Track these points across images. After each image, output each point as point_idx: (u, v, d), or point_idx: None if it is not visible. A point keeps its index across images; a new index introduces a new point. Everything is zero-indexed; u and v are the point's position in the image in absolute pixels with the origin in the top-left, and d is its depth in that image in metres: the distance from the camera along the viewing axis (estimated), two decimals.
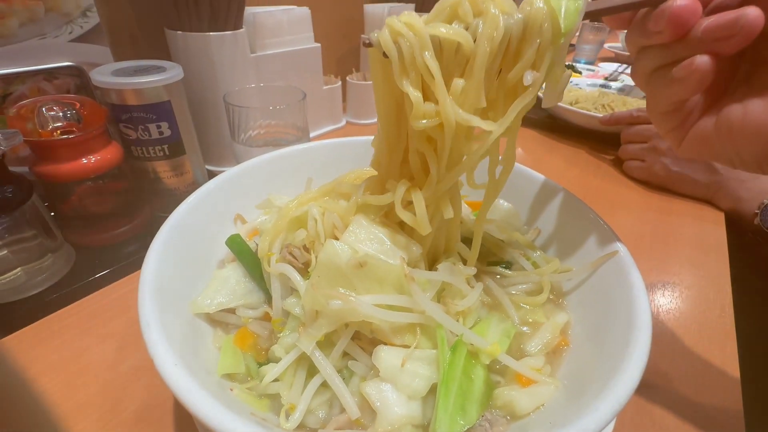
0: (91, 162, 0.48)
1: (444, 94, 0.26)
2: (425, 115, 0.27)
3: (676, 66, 0.26)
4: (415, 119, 0.27)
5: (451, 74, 0.27)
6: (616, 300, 0.31)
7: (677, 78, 0.26)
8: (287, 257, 0.34)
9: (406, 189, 0.31)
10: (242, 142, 0.60)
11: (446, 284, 0.32)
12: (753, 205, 0.65)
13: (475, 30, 0.26)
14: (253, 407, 0.26)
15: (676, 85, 0.27)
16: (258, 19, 0.69)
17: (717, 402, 0.40)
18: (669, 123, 0.30)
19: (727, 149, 0.28)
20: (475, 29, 0.26)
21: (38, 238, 0.46)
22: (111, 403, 0.37)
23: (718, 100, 0.28)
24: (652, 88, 0.30)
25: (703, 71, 0.25)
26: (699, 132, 0.29)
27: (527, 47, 0.27)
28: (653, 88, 0.29)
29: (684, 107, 0.29)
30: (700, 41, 0.25)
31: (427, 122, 0.27)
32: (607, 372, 0.25)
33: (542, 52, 0.27)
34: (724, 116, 0.27)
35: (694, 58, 0.25)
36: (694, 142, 0.29)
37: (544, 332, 0.33)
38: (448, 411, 0.25)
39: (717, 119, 0.28)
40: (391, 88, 0.29)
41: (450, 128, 0.27)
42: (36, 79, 0.52)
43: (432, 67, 0.26)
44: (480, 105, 0.27)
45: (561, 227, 0.43)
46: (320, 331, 0.28)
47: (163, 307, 0.27)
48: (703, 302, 0.52)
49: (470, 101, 0.27)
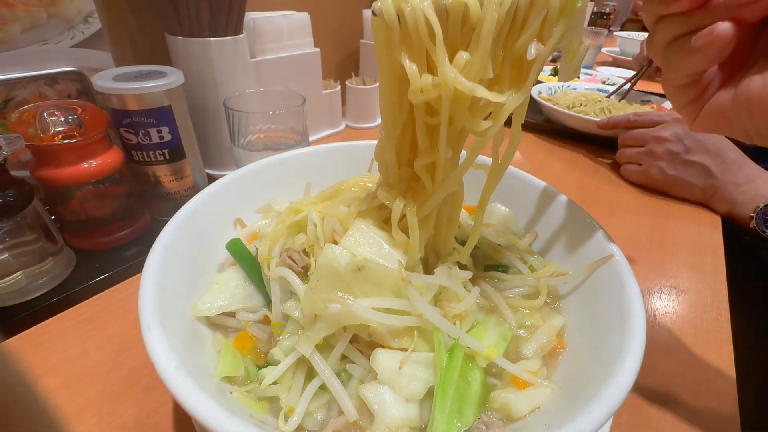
0: (92, 166, 0.49)
1: (443, 57, 0.25)
2: (423, 88, 0.26)
3: (696, 35, 0.25)
4: (412, 93, 0.26)
5: (455, 47, 0.26)
6: (611, 303, 0.31)
7: (696, 47, 0.25)
8: (287, 261, 0.34)
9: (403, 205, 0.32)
10: (242, 147, 0.61)
11: (443, 288, 0.32)
12: (749, 208, 0.65)
13: None
14: (252, 410, 0.26)
15: (695, 56, 0.26)
16: (258, 25, 0.70)
17: (713, 405, 0.40)
18: (684, 97, 0.29)
19: (745, 123, 0.27)
20: None
21: (39, 242, 0.46)
22: (111, 406, 0.37)
23: (736, 71, 0.27)
24: (668, 60, 0.28)
25: (724, 39, 0.24)
26: (716, 105, 0.28)
27: (534, 17, 0.25)
28: (670, 60, 0.28)
29: (701, 80, 0.28)
30: (723, 7, 0.24)
31: (425, 95, 0.26)
32: (602, 374, 0.25)
33: (549, 24, 0.26)
34: (743, 88, 0.26)
35: (714, 25, 0.24)
36: (709, 117, 0.29)
37: (541, 335, 0.33)
38: (445, 413, 0.26)
39: (735, 92, 0.27)
40: (392, 62, 0.27)
41: (448, 93, 0.25)
42: (38, 84, 0.52)
43: (434, 24, 0.24)
44: (486, 76, 0.26)
45: (558, 231, 0.43)
46: (319, 334, 0.28)
47: (164, 310, 0.27)
48: (700, 305, 0.53)
49: (476, 71, 0.25)
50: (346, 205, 0.37)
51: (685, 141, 0.73)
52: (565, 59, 0.28)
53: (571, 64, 0.28)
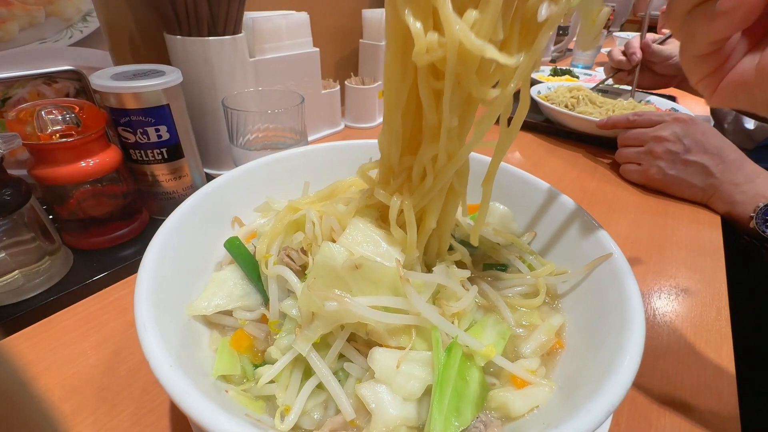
0: (90, 165, 0.48)
1: (449, 9, 0.23)
2: (429, 47, 0.24)
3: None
4: (417, 54, 0.24)
5: (464, 6, 0.24)
6: (611, 302, 0.31)
7: (722, 11, 0.24)
8: (285, 259, 0.34)
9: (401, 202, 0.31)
10: (241, 146, 0.61)
11: (441, 287, 0.32)
12: (748, 208, 0.65)
13: None
14: (249, 408, 0.26)
15: (720, 20, 0.24)
16: (257, 24, 0.70)
17: (713, 404, 0.40)
18: (704, 68, 0.28)
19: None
20: None
21: (36, 241, 0.46)
22: (107, 406, 0.37)
23: (761, 39, 0.26)
24: (690, 28, 0.27)
25: (752, 2, 0.22)
26: (737, 76, 0.26)
27: None
28: (692, 28, 0.27)
29: (722, 49, 0.27)
30: None
31: (430, 55, 0.24)
32: (600, 373, 0.25)
33: None
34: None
35: None
36: (730, 88, 0.27)
37: (539, 334, 0.33)
38: (443, 412, 0.25)
39: (760, 60, 0.25)
40: (397, 23, 0.25)
41: (453, 49, 0.23)
42: (36, 83, 0.52)
43: None
44: (497, 37, 0.24)
45: (557, 230, 0.43)
46: (316, 332, 0.28)
47: (160, 309, 0.27)
48: (700, 305, 0.53)
49: (485, 30, 0.23)
50: (344, 203, 0.37)
51: (684, 141, 0.73)
52: (584, 25, 0.26)
53: (591, 30, 0.26)
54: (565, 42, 1.84)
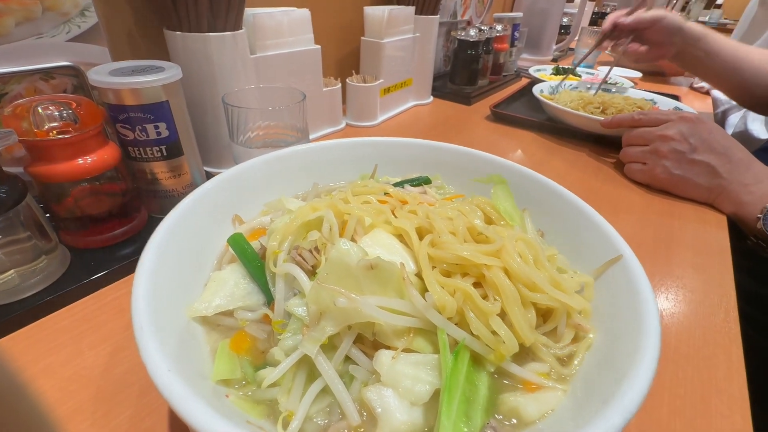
0: (88, 162, 0.47)
1: None
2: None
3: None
4: None
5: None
6: (623, 305, 0.30)
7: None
8: (296, 258, 0.33)
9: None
10: (241, 144, 0.60)
11: None
12: (756, 209, 0.64)
13: None
14: (250, 414, 0.25)
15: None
16: (258, 20, 0.69)
17: (724, 407, 0.39)
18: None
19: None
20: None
21: (32, 240, 0.45)
22: (104, 409, 0.36)
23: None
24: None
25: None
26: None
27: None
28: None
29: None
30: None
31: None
32: (616, 379, 0.24)
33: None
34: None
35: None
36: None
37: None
38: (451, 418, 0.24)
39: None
40: None
41: None
42: (32, 78, 0.51)
43: None
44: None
45: (565, 230, 0.42)
46: (324, 333, 0.27)
47: (158, 310, 0.26)
48: (707, 306, 0.52)
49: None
50: (366, 215, 0.36)
51: (690, 140, 0.72)
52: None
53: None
54: (566, 41, 1.83)
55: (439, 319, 0.28)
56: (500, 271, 0.30)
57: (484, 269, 0.30)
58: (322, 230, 0.34)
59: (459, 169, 0.51)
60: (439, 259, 0.32)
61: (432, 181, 0.50)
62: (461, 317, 0.29)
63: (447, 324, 0.28)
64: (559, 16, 1.77)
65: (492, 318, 0.28)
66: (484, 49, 1.20)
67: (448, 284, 0.30)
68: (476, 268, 0.31)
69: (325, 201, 0.37)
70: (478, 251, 0.31)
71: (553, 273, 0.33)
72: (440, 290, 0.29)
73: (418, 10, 1.03)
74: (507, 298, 0.29)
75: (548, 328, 0.32)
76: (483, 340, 0.28)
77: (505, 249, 0.31)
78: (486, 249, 0.31)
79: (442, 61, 1.39)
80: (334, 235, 0.34)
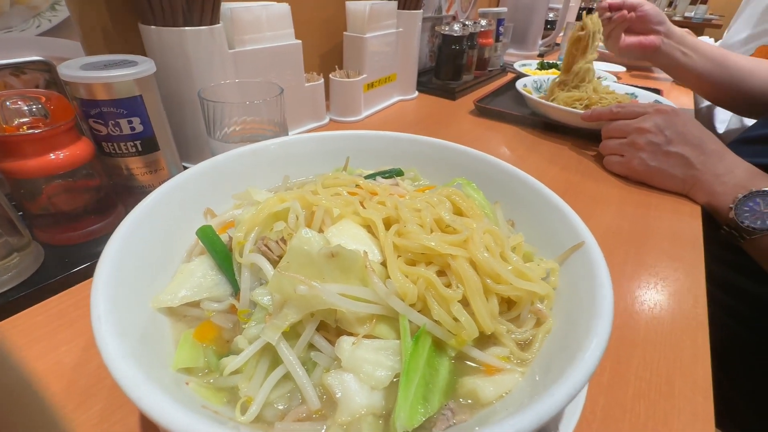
0: (60, 158, 0.47)
1: None
2: None
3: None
4: None
5: None
6: (582, 289, 0.31)
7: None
8: (262, 248, 0.33)
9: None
10: (219, 139, 0.59)
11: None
12: (728, 199, 0.66)
13: None
14: (209, 401, 0.26)
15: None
16: (235, 15, 0.69)
17: (688, 390, 0.40)
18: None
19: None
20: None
21: (3, 237, 0.45)
22: (75, 403, 0.36)
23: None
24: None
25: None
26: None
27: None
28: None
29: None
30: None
31: None
32: (568, 359, 0.25)
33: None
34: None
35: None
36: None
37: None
38: (409, 399, 0.25)
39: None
40: None
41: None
42: (2, 73, 0.51)
43: None
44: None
45: (534, 219, 0.43)
46: (286, 320, 0.27)
47: (119, 300, 0.26)
48: (678, 293, 0.53)
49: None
50: (334, 206, 0.36)
51: (666, 132, 0.73)
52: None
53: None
54: (552, 36, 1.84)
55: (400, 305, 0.28)
56: (465, 261, 0.31)
57: (449, 259, 0.31)
58: (288, 221, 0.34)
59: (433, 160, 0.51)
60: (405, 249, 0.32)
61: (405, 173, 0.51)
62: (424, 304, 0.30)
63: (408, 310, 0.29)
64: (545, 11, 1.78)
65: (453, 304, 0.29)
66: (468, 44, 1.21)
67: (411, 272, 0.30)
68: (441, 257, 0.31)
69: (293, 192, 0.37)
70: (443, 241, 0.31)
71: (519, 264, 0.33)
72: (402, 277, 0.29)
73: (401, 5, 1.03)
74: (470, 288, 0.30)
75: (513, 314, 0.33)
76: (444, 326, 0.29)
77: (471, 240, 0.32)
78: (452, 239, 0.32)
79: (427, 56, 1.39)
80: (300, 225, 0.34)
